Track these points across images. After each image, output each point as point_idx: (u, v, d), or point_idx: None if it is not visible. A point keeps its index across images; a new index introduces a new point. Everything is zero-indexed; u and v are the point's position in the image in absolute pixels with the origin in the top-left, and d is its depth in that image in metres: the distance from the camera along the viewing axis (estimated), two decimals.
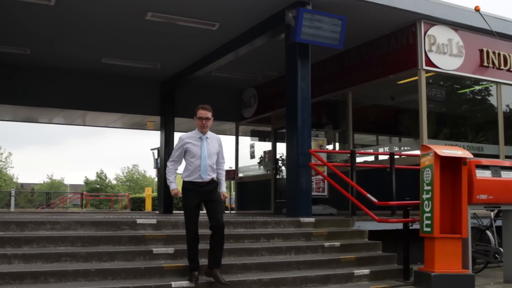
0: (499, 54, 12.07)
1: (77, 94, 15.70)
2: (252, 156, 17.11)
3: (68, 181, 72.76)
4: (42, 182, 69.70)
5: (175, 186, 6.75)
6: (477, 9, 11.31)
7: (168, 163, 6.88)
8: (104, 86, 16.04)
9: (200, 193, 6.61)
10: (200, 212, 6.71)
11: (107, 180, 61.12)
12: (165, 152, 16.56)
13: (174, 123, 16.68)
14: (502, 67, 12.12)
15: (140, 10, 11.02)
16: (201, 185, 6.62)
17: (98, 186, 58.59)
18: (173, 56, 14.21)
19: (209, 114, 6.75)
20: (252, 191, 17.11)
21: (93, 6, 10.88)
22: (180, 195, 6.67)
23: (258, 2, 10.59)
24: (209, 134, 6.81)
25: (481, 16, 11.50)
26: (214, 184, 6.78)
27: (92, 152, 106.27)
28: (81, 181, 63.60)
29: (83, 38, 12.84)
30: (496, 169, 7.85)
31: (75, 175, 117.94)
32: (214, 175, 6.77)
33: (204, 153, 6.63)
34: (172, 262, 6.94)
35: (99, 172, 60.88)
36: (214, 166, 6.76)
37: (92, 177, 61.21)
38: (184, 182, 6.71)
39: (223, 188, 7.05)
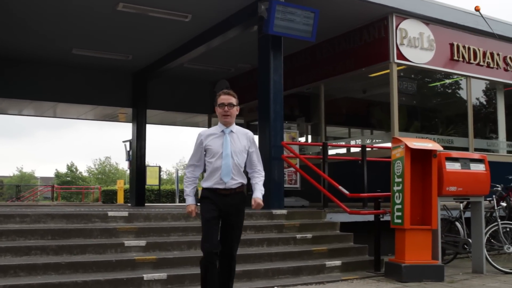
0: (469, 48, 12.23)
1: (48, 85, 15.52)
2: None
3: (38, 173, 71.88)
4: (12, 174, 68.74)
5: (192, 201, 5.24)
6: (477, 9, 11.41)
7: (186, 170, 5.38)
8: (75, 77, 15.84)
9: (221, 205, 5.10)
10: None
11: (78, 172, 60.51)
12: (137, 144, 16.48)
13: (146, 115, 16.55)
14: (472, 61, 12.29)
15: (111, 0, 10.88)
16: (223, 194, 5.10)
17: (69, 178, 57.93)
18: (145, 48, 14.09)
19: (233, 100, 5.25)
20: None
21: None
22: (194, 214, 5.25)
23: None
24: (235, 128, 5.29)
25: (481, 17, 11.60)
26: (241, 196, 5.22)
27: (63, 144, 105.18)
28: (52, 174, 63.01)
29: (53, 28, 12.64)
30: (466, 162, 7.98)
31: (45, 168, 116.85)
32: (242, 181, 5.20)
33: (227, 150, 5.10)
34: (144, 254, 6.90)
35: (69, 165, 60.27)
36: (242, 169, 5.22)
37: (63, 169, 60.68)
38: (202, 190, 5.22)
39: (258, 194, 5.31)
